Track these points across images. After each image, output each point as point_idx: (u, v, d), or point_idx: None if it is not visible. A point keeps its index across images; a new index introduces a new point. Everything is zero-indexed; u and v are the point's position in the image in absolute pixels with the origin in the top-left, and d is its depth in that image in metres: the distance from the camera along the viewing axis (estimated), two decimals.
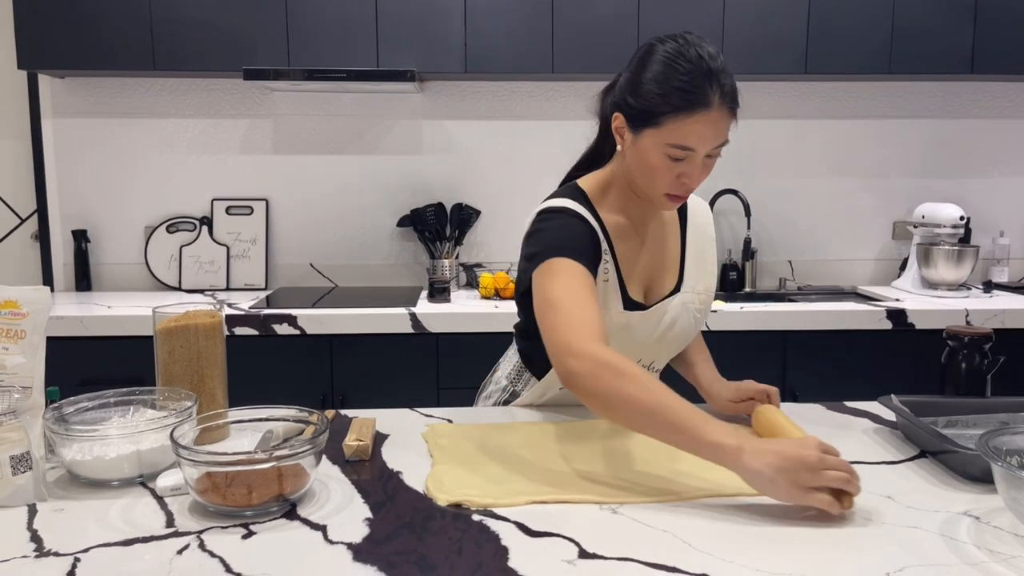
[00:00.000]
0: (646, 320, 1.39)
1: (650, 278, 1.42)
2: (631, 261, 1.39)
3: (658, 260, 1.43)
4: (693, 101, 1.20)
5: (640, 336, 1.40)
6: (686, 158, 1.24)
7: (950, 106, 3.12)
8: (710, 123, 1.21)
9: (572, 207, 1.33)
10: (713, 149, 1.25)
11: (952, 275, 2.85)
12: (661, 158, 1.25)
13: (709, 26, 2.72)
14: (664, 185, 1.28)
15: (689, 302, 1.43)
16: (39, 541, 0.95)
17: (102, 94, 2.95)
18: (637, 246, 1.40)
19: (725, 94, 1.22)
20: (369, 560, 0.90)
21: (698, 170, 1.26)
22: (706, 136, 1.22)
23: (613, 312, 1.35)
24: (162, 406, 1.22)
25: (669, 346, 1.45)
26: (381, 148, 3.04)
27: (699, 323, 1.47)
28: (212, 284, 2.98)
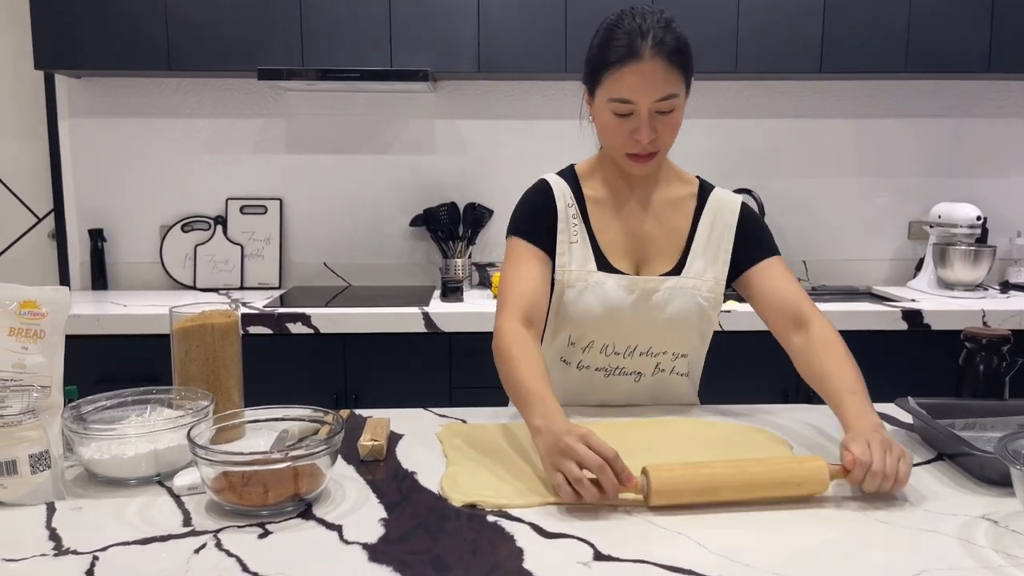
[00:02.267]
0: (627, 289, 1.41)
1: (643, 253, 1.45)
2: (614, 231, 1.44)
3: (655, 235, 1.45)
4: (624, 54, 1.30)
5: (623, 307, 1.40)
6: (631, 112, 1.32)
7: (967, 105, 3.09)
8: (642, 74, 1.29)
9: (546, 178, 1.47)
10: (658, 103, 1.31)
11: (969, 275, 2.83)
12: (610, 116, 1.34)
13: (724, 25, 2.71)
14: (620, 144, 1.36)
15: (691, 287, 1.42)
16: (58, 539, 0.96)
17: (118, 94, 2.97)
18: (625, 215, 1.45)
19: (657, 45, 1.29)
20: (384, 560, 0.91)
21: (647, 126, 1.32)
22: (641, 87, 1.29)
23: (585, 271, 1.42)
24: (179, 405, 1.23)
25: (668, 330, 1.43)
26: (394, 148, 3.04)
27: (706, 313, 1.44)
28: (226, 283, 2.99)
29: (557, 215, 1.43)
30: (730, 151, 3.06)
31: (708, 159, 3.05)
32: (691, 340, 1.47)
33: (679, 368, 1.48)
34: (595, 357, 1.45)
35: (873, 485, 1.06)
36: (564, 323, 1.44)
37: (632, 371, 1.46)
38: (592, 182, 1.48)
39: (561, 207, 1.44)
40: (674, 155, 1.52)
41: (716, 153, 3.06)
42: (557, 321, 1.45)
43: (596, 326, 1.42)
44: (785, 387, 2.53)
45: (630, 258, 1.44)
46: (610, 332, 1.43)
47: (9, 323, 1.07)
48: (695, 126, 3.04)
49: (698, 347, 1.50)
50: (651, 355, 1.45)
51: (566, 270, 1.42)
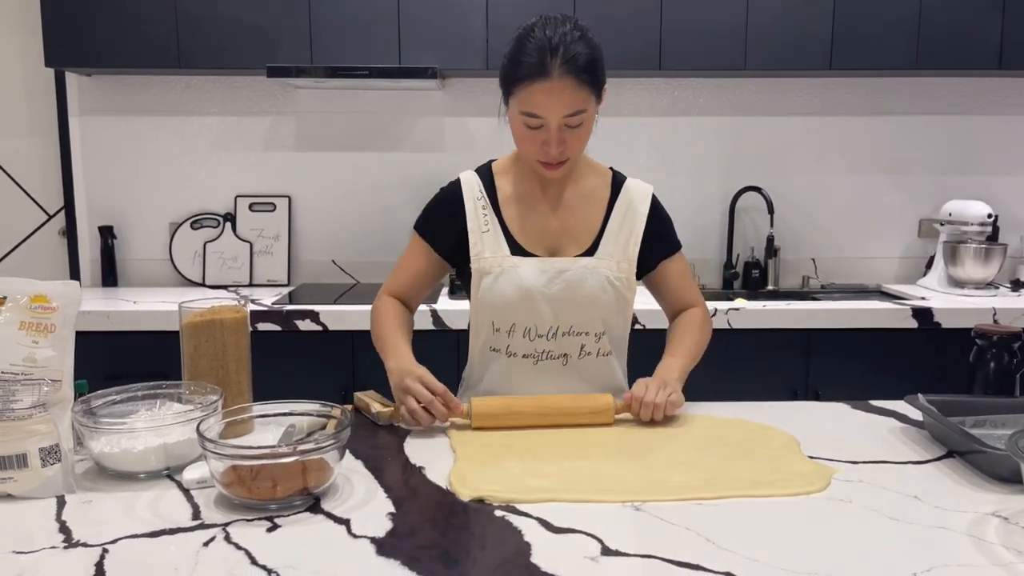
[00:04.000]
0: (541, 270, 1.47)
1: (557, 240, 1.51)
2: (527, 220, 1.51)
3: (569, 226, 1.51)
4: (533, 71, 1.34)
5: (538, 287, 1.46)
6: (540, 126, 1.38)
7: (978, 102, 3.07)
8: (551, 92, 1.33)
9: (461, 175, 1.56)
10: (567, 118, 1.36)
11: (979, 273, 2.81)
12: (521, 126, 1.40)
13: (732, 22, 2.70)
14: (532, 152, 1.42)
15: (603, 267, 1.49)
16: (68, 532, 0.96)
17: (128, 92, 2.98)
18: (538, 209, 1.51)
19: (566, 63, 1.32)
20: (392, 554, 0.91)
21: (556, 138, 1.37)
22: (549, 104, 1.34)
23: (500, 256, 1.48)
24: (188, 400, 1.23)
25: (585, 308, 1.48)
26: (403, 145, 3.05)
27: (620, 293, 1.50)
28: (235, 280, 3.00)
29: (465, 211, 1.51)
30: (739, 149, 3.05)
31: (717, 157, 3.04)
32: (609, 319, 1.51)
33: (603, 348, 1.52)
34: (520, 342, 1.50)
35: (646, 414, 1.34)
36: (486, 309, 1.50)
37: (558, 354, 1.50)
38: (506, 178, 1.55)
39: (470, 203, 1.51)
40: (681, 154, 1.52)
41: (725, 151, 3.05)
42: (479, 309, 1.51)
43: (515, 309, 1.47)
44: (794, 385, 2.53)
45: (543, 247, 1.51)
46: (529, 314, 1.48)
47: (20, 317, 1.08)
48: (703, 124, 3.03)
49: (619, 326, 1.54)
50: (573, 334, 1.49)
51: (481, 257, 1.49)
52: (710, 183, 3.05)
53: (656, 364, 1.49)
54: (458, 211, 1.52)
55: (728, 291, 3.01)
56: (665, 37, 2.70)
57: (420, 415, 1.30)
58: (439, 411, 1.30)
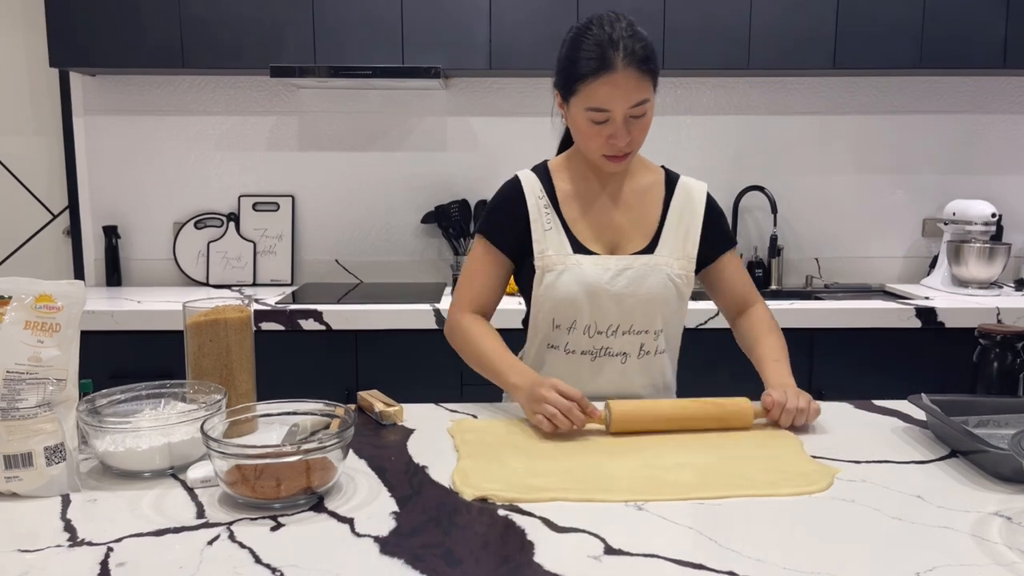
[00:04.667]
0: (603, 267, 1.48)
1: (615, 239, 1.52)
2: (586, 220, 1.52)
3: (627, 223, 1.53)
4: (597, 66, 1.36)
5: (600, 284, 1.46)
6: (607, 120, 1.40)
7: (982, 101, 3.07)
8: (616, 84, 1.36)
9: (518, 174, 1.55)
10: (632, 108, 1.38)
11: (983, 273, 2.80)
12: (586, 123, 1.42)
13: (736, 21, 2.70)
14: (597, 147, 1.43)
15: (663, 264, 1.50)
16: (72, 531, 0.97)
17: (132, 91, 2.99)
18: (597, 207, 1.53)
19: (628, 56, 1.36)
20: (396, 553, 0.91)
21: (622, 130, 1.39)
22: (615, 96, 1.37)
23: (562, 254, 1.49)
24: (192, 399, 1.24)
25: (646, 306, 1.48)
26: (406, 145, 3.05)
27: (680, 291, 1.51)
28: (239, 280, 3.01)
29: (528, 209, 1.51)
30: (743, 148, 3.04)
31: (720, 156, 3.03)
32: (668, 316, 1.52)
33: (660, 346, 1.53)
34: (580, 339, 1.50)
35: (787, 420, 1.34)
36: (547, 306, 1.50)
37: (618, 352, 1.50)
38: (563, 176, 1.55)
39: (532, 201, 1.52)
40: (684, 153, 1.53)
41: (728, 150, 3.05)
42: (540, 305, 1.51)
43: (577, 306, 1.48)
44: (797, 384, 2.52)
45: (603, 243, 1.52)
46: (591, 311, 1.48)
47: (25, 317, 1.08)
48: (707, 123, 3.03)
49: (676, 324, 1.56)
50: (634, 332, 1.50)
51: (544, 255, 1.50)
52: (713, 182, 3.00)
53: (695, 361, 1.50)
54: (520, 209, 1.52)
55: None
56: (668, 36, 2.70)
57: (560, 420, 1.28)
58: (577, 417, 1.28)
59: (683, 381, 1.63)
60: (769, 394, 1.37)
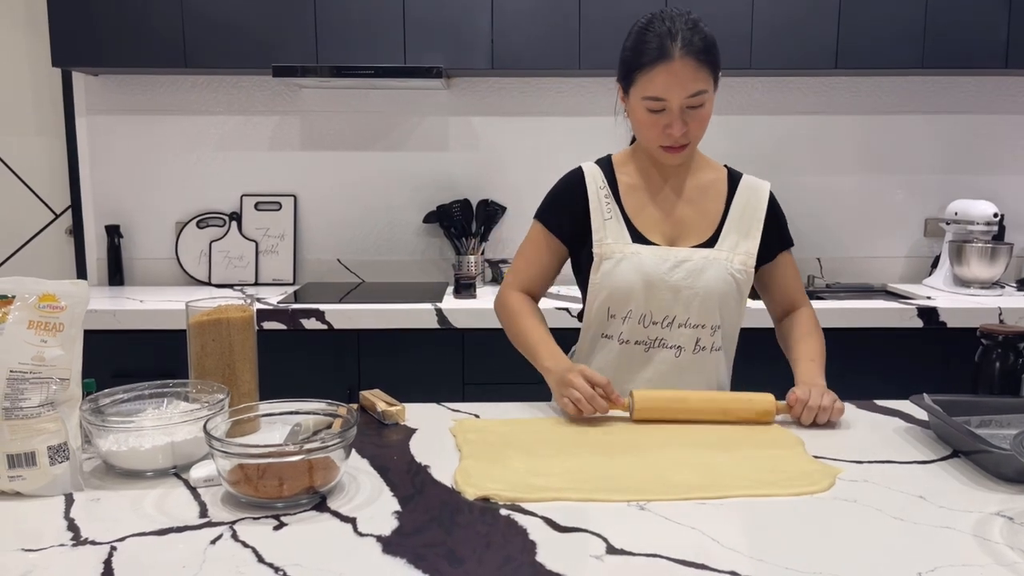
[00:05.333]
0: (662, 258, 1.48)
1: (676, 229, 1.53)
2: (647, 212, 1.53)
3: (688, 216, 1.54)
4: (655, 56, 1.39)
5: (658, 275, 1.47)
6: (663, 109, 1.41)
7: (984, 101, 3.06)
8: (673, 73, 1.38)
9: (583, 165, 1.58)
10: (688, 98, 1.40)
11: (985, 273, 2.80)
12: (644, 113, 1.44)
13: (738, 21, 2.69)
14: (654, 138, 1.45)
15: (723, 259, 1.50)
16: (76, 530, 0.97)
17: (135, 91, 2.99)
18: (658, 200, 1.54)
19: (686, 46, 1.38)
20: (398, 552, 0.91)
21: (678, 120, 1.41)
22: (671, 85, 1.39)
23: (622, 243, 1.51)
24: (195, 399, 1.24)
25: (704, 300, 1.48)
26: (408, 144, 3.05)
27: (740, 287, 1.51)
28: (241, 279, 3.01)
29: (588, 198, 1.53)
30: (745, 148, 3.04)
31: (723, 156, 3.01)
32: (726, 312, 1.51)
33: (716, 342, 1.52)
34: (634, 329, 1.50)
35: (808, 418, 1.35)
36: (603, 294, 1.50)
37: (673, 344, 1.50)
38: (626, 169, 1.57)
39: (592, 190, 1.54)
40: None
41: (730, 150, 3.04)
42: (596, 293, 1.51)
43: (633, 295, 1.48)
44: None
45: (663, 235, 1.52)
46: (647, 301, 1.48)
47: (28, 316, 1.09)
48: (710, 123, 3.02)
49: (733, 321, 1.54)
50: (690, 327, 1.49)
51: (603, 243, 1.51)
52: None
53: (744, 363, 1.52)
54: (580, 198, 1.54)
55: None
56: None
57: (584, 405, 1.34)
58: (600, 404, 1.34)
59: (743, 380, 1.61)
60: (794, 391, 1.38)
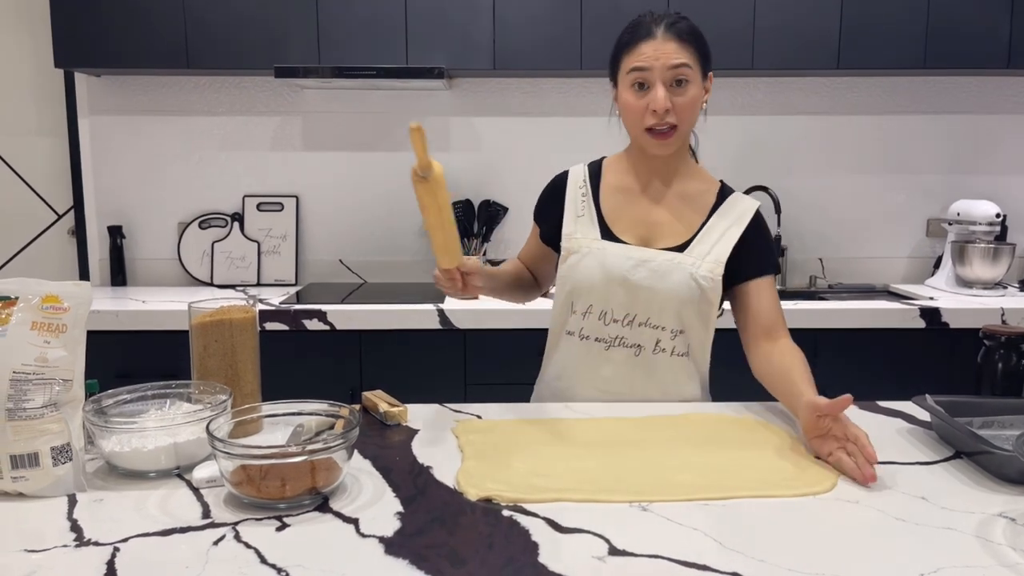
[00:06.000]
0: (627, 256, 1.49)
1: (650, 231, 1.53)
2: (624, 210, 1.54)
3: (665, 220, 1.53)
4: (637, 35, 1.44)
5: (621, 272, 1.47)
6: (646, 83, 1.42)
7: (986, 101, 3.06)
8: (655, 46, 1.41)
9: (571, 168, 1.62)
10: (671, 70, 1.41)
11: (988, 273, 2.80)
12: (629, 92, 1.44)
13: (740, 21, 2.69)
14: (639, 120, 1.45)
15: (689, 264, 1.48)
16: (79, 531, 0.97)
17: (137, 92, 3.00)
18: (638, 201, 1.54)
19: (668, 27, 1.42)
20: (400, 553, 0.91)
21: (662, 96, 1.41)
22: (654, 54, 1.41)
23: (589, 238, 1.52)
24: (198, 399, 1.24)
25: (665, 302, 1.47)
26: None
27: (705, 295, 1.47)
28: (243, 280, 3.02)
29: (566, 197, 1.57)
30: (747, 148, 3.04)
31: (725, 156, 3.03)
32: (690, 319, 1.49)
33: (679, 348, 1.50)
34: (595, 325, 1.50)
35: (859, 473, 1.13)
36: (567, 288, 1.52)
37: (632, 343, 1.50)
38: (614, 170, 1.59)
39: (571, 190, 1.58)
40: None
41: (733, 150, 3.05)
42: (561, 287, 1.54)
43: (594, 290, 1.49)
44: None
45: (636, 236, 1.52)
46: (607, 297, 1.49)
47: (32, 317, 1.09)
48: (711, 123, 3.00)
49: (699, 329, 1.50)
50: (650, 326, 1.48)
51: (572, 238, 1.53)
52: None
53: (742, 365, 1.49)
54: (560, 198, 1.58)
55: None
56: None
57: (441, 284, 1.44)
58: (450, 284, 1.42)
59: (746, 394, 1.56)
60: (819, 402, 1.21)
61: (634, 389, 1.51)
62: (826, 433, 1.20)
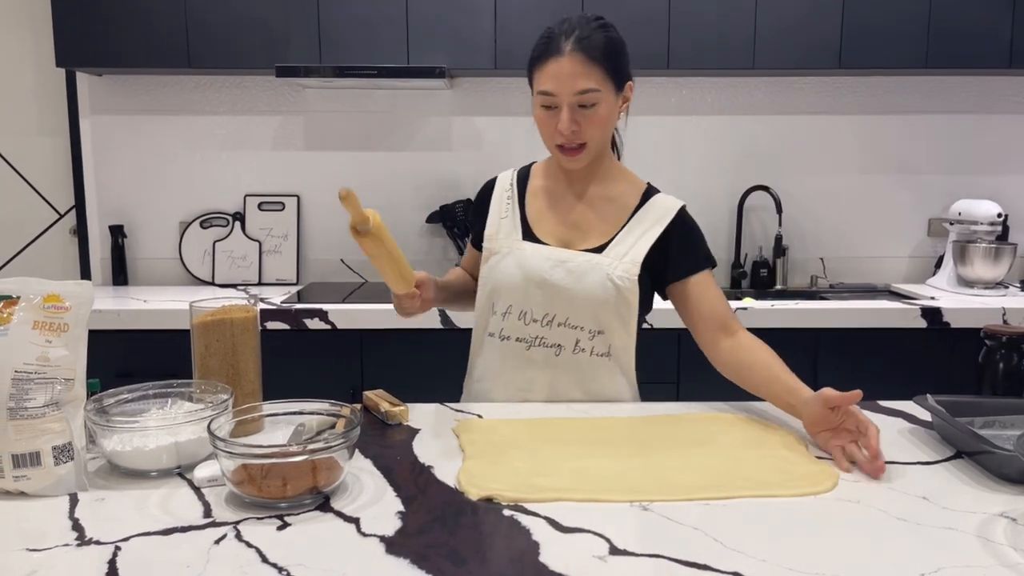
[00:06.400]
0: (545, 257, 1.49)
1: (571, 233, 1.53)
2: (546, 212, 1.56)
3: (586, 222, 1.53)
4: (545, 51, 1.41)
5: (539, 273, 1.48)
6: (554, 106, 1.42)
7: (988, 101, 3.06)
8: (560, 66, 1.39)
9: (502, 173, 1.66)
10: (577, 95, 1.39)
11: (989, 273, 2.80)
12: (540, 110, 1.45)
13: (741, 20, 2.69)
14: (549, 136, 1.46)
15: (606, 264, 1.48)
16: (80, 530, 0.97)
17: (139, 91, 3.00)
18: (561, 203, 1.55)
19: (576, 43, 1.39)
20: (401, 553, 0.91)
21: (566, 116, 1.40)
22: (560, 77, 1.39)
23: (510, 239, 1.54)
24: (199, 399, 1.24)
25: (583, 303, 1.46)
26: (411, 144, 3.05)
27: (623, 295, 1.47)
28: (244, 279, 3.02)
29: (492, 200, 1.60)
30: (747, 148, 3.04)
31: (725, 156, 3.03)
32: (608, 319, 1.48)
33: (599, 347, 1.49)
34: (515, 325, 1.51)
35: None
36: (487, 289, 1.54)
37: (552, 343, 1.50)
38: (540, 173, 1.61)
39: (497, 194, 1.61)
40: (689, 153, 1.53)
41: (733, 150, 3.05)
42: (482, 287, 1.55)
43: (513, 290, 1.50)
44: None
45: (557, 238, 1.53)
46: (526, 298, 1.49)
47: (33, 316, 1.09)
48: (712, 123, 3.02)
49: (618, 330, 1.50)
50: (569, 326, 1.49)
51: (494, 239, 1.55)
52: (718, 182, 3.05)
53: None
54: (487, 202, 1.61)
55: (736, 290, 3.01)
56: (673, 36, 2.70)
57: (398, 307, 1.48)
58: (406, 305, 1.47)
59: None
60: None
61: (556, 390, 1.50)
62: (837, 426, 1.22)
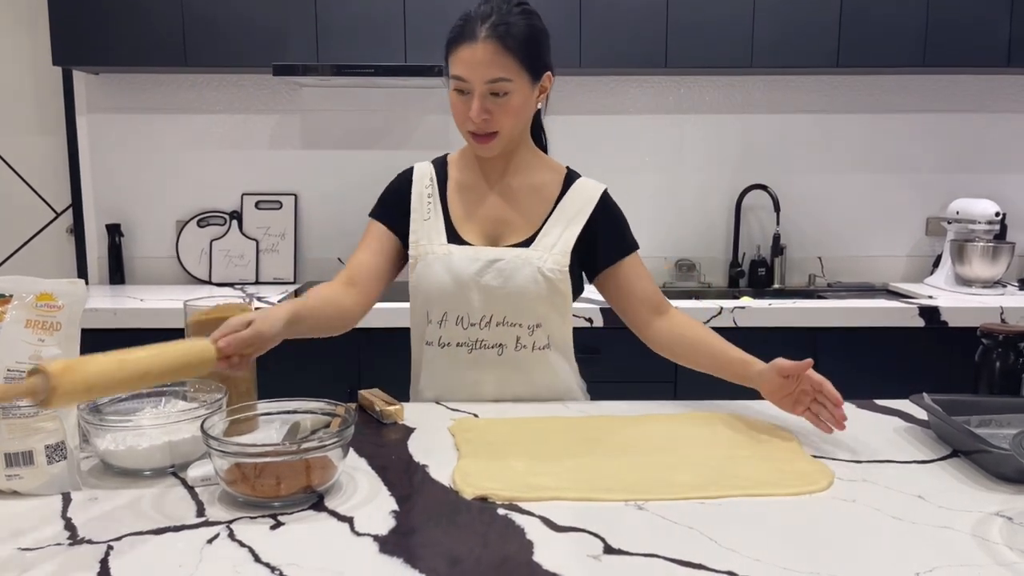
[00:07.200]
0: (473, 258, 1.46)
1: (497, 229, 1.50)
2: (470, 211, 1.51)
3: (511, 216, 1.51)
4: (460, 35, 1.39)
5: (469, 275, 1.44)
6: (467, 91, 1.39)
7: (986, 100, 3.06)
8: (474, 52, 1.36)
9: (415, 164, 1.59)
10: (488, 83, 1.37)
11: (987, 272, 2.80)
12: (453, 94, 1.42)
13: (738, 18, 2.69)
14: (461, 122, 1.44)
15: (536, 258, 1.45)
16: (73, 529, 0.97)
17: (135, 90, 2.99)
18: (483, 199, 1.52)
19: (492, 28, 1.36)
20: (395, 552, 0.91)
21: (477, 103, 1.38)
22: (472, 64, 1.37)
23: (435, 244, 1.48)
24: (193, 397, 1.24)
25: (517, 299, 1.45)
26: (409, 143, 3.05)
27: (555, 286, 1.45)
28: (242, 278, 3.01)
29: (412, 197, 1.52)
30: (745, 147, 3.04)
31: (723, 155, 3.03)
32: (545, 312, 1.47)
33: (539, 341, 1.49)
34: (453, 331, 1.48)
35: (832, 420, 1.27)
36: (419, 298, 1.50)
37: (493, 343, 1.48)
38: (459, 166, 1.56)
39: (416, 191, 1.53)
40: (687, 151, 1.52)
41: (731, 149, 3.04)
42: (414, 297, 1.51)
43: (447, 296, 1.47)
44: None
45: (483, 235, 1.50)
46: (461, 302, 1.46)
47: (26, 315, 1.08)
48: (710, 121, 3.02)
49: (555, 320, 1.49)
50: (507, 324, 1.47)
51: (417, 244, 1.50)
52: (716, 181, 3.05)
53: None
54: (406, 199, 1.53)
55: (734, 289, 3.01)
56: (671, 34, 2.69)
57: None
58: None
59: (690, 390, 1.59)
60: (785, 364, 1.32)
61: (504, 389, 1.49)
62: (795, 391, 1.32)
